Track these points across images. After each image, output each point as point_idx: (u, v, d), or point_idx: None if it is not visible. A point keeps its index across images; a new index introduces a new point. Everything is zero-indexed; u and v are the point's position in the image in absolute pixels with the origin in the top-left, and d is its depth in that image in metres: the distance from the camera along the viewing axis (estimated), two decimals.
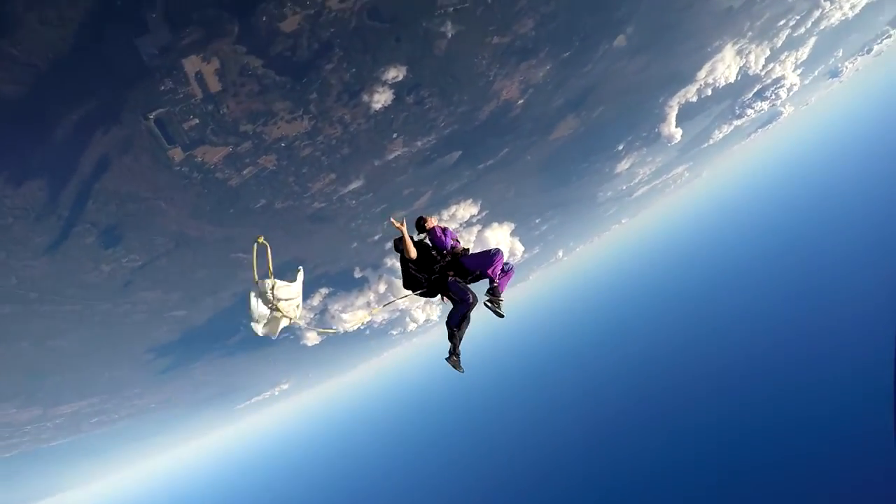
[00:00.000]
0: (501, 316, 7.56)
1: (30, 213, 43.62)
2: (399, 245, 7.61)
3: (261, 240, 5.90)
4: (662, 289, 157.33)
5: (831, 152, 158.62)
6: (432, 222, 8.09)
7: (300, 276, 6.64)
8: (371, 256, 77.52)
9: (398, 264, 8.00)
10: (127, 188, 46.06)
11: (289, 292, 6.01)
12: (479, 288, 7.87)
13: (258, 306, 5.74)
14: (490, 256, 7.56)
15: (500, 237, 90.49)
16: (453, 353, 7.50)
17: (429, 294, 7.83)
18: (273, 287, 5.86)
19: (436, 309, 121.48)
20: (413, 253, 7.48)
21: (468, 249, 7.92)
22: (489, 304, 7.53)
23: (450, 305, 7.78)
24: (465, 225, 79.50)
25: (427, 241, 7.96)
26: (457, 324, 7.42)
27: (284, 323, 6.12)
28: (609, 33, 59.30)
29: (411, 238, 7.65)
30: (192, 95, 40.66)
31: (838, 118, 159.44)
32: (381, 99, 49.44)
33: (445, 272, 7.63)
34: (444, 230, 7.92)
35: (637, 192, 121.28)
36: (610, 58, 62.62)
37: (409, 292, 8.07)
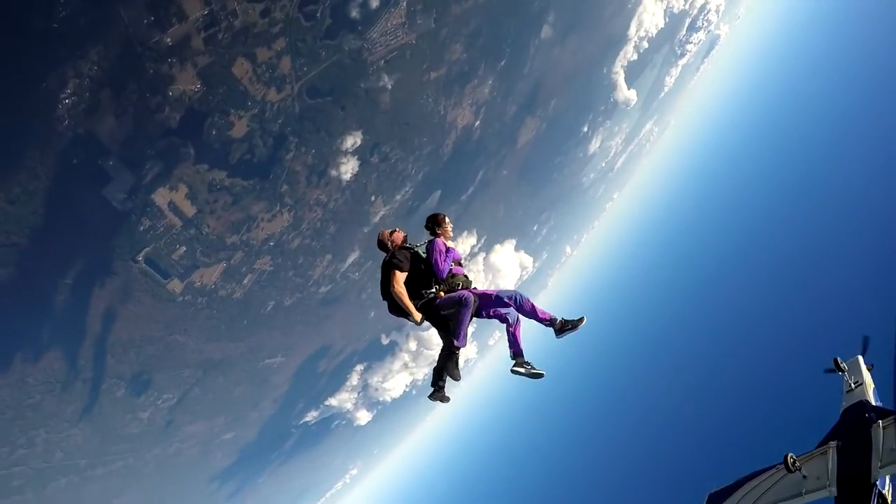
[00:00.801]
0: (540, 376, 5.85)
1: (55, 385, 44.01)
2: (382, 246, 6.40)
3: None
4: (679, 257, 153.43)
5: (780, 51, 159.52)
6: (447, 232, 6.42)
7: None
8: (392, 319, 77.11)
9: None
10: (140, 333, 46.65)
11: None
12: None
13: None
14: (513, 300, 5.93)
15: (506, 258, 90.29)
16: (438, 386, 6.20)
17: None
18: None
19: (473, 349, 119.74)
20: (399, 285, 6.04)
21: (470, 280, 6.33)
22: (519, 369, 5.88)
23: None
24: (469, 258, 79.44)
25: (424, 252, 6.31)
26: (464, 330, 5.86)
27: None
28: (534, 28, 60.96)
29: (413, 249, 6.25)
30: (171, 226, 41.65)
31: (771, 19, 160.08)
32: (347, 169, 50.45)
33: (433, 298, 6.12)
34: (448, 251, 6.26)
35: (617, 164, 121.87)
36: (544, 50, 64.20)
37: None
